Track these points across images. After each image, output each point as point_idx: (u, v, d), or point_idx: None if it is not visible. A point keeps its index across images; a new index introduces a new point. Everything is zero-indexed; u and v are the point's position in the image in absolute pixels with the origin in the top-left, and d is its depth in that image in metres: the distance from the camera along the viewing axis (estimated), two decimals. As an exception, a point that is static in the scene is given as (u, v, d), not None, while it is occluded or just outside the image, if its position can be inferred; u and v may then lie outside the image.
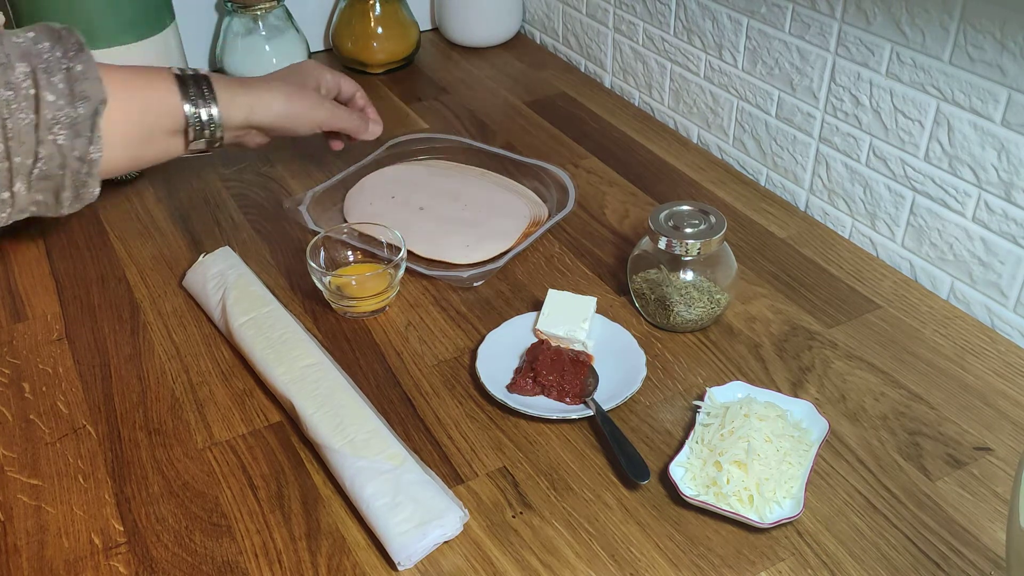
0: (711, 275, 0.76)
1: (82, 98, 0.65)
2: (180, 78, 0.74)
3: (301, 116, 0.81)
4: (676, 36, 1.06)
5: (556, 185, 0.94)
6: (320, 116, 0.83)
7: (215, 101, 0.75)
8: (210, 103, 0.74)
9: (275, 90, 0.80)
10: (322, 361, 0.70)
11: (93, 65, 0.67)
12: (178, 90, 0.73)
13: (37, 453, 0.67)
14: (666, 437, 0.67)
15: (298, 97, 0.81)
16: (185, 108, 0.73)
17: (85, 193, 0.69)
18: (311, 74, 0.85)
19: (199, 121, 0.74)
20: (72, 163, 0.66)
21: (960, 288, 0.82)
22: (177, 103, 0.73)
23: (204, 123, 0.74)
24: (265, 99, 0.78)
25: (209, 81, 0.75)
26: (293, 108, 0.80)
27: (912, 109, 0.81)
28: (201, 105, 0.74)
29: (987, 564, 0.58)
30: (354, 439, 0.63)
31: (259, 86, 0.79)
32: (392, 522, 0.58)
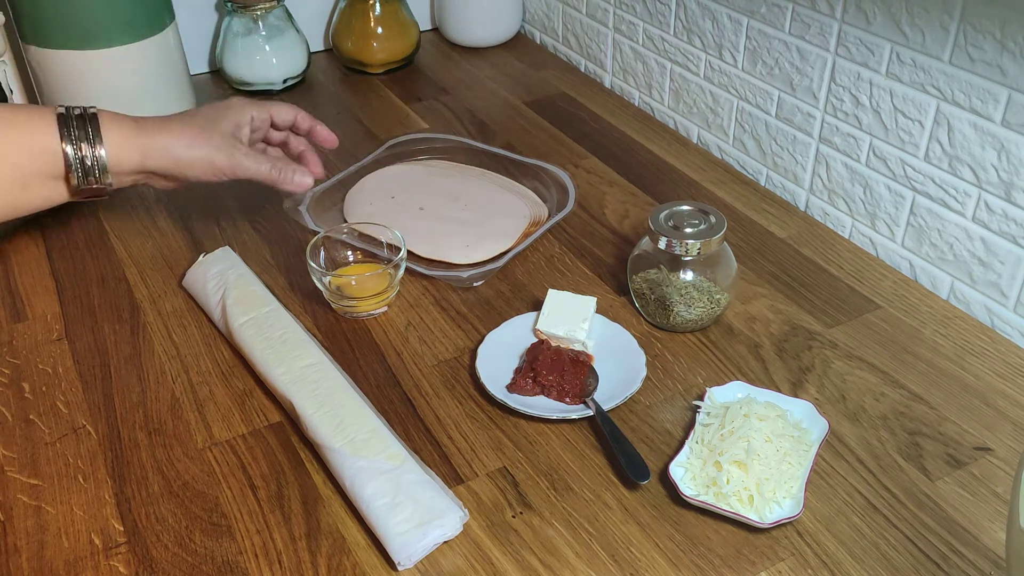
0: (711, 275, 0.76)
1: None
2: (63, 117, 0.68)
3: (200, 163, 0.73)
4: (676, 36, 1.06)
5: (556, 185, 0.94)
6: (220, 163, 0.73)
7: (101, 142, 0.68)
8: (96, 144, 0.68)
9: (174, 132, 0.72)
10: (322, 361, 0.70)
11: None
12: (57, 130, 0.67)
13: (37, 453, 0.67)
14: (666, 437, 0.67)
15: (200, 142, 0.73)
16: (65, 149, 0.67)
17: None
18: (228, 114, 0.76)
19: (81, 164, 0.67)
20: None
21: (960, 288, 0.82)
22: (56, 144, 0.67)
23: (88, 167, 0.68)
24: (160, 142, 0.71)
25: (97, 121, 0.69)
26: (192, 153, 0.72)
27: (912, 109, 0.81)
28: (84, 147, 0.67)
29: (987, 564, 0.58)
30: (354, 439, 0.63)
31: (156, 127, 0.72)
32: (392, 522, 0.58)
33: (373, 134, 1.09)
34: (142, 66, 1.03)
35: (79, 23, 0.97)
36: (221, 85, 1.21)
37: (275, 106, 0.80)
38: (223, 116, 0.75)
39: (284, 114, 0.81)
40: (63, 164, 0.67)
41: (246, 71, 1.16)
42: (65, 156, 0.67)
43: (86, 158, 0.67)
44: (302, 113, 0.83)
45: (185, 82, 1.11)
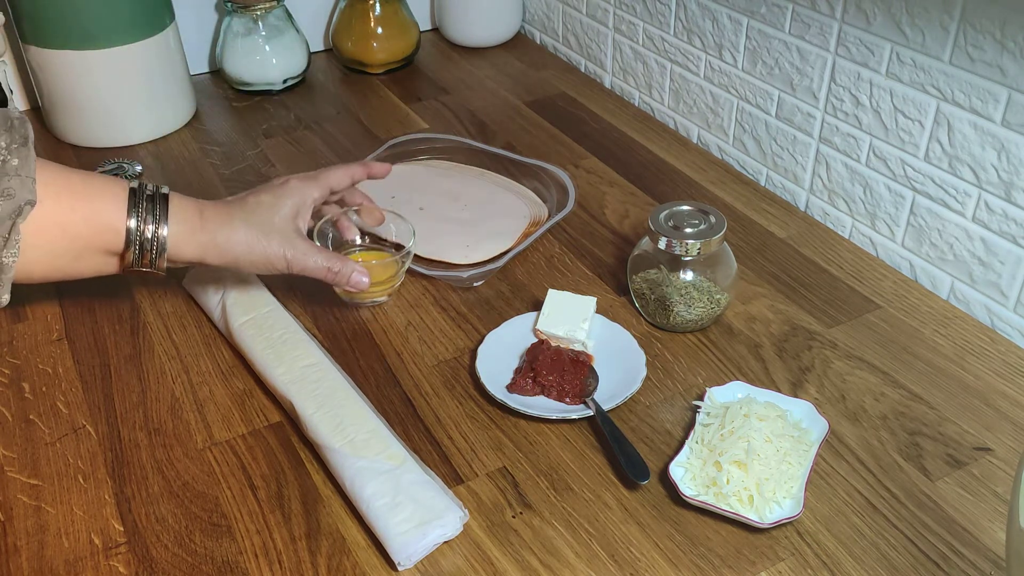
0: (711, 275, 0.76)
1: (5, 195, 0.58)
2: (134, 192, 0.65)
3: (258, 264, 0.70)
4: (676, 36, 1.06)
5: (556, 185, 0.94)
6: (279, 265, 0.70)
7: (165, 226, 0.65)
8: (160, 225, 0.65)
9: (235, 232, 0.68)
10: (322, 361, 0.70)
11: (31, 162, 0.60)
12: (126, 205, 0.64)
13: (37, 453, 0.67)
14: (666, 437, 0.67)
15: (259, 245, 0.69)
16: (129, 225, 0.64)
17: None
18: (288, 202, 0.72)
19: (140, 245, 0.64)
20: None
21: (960, 288, 0.82)
22: (120, 222, 0.64)
23: (146, 248, 0.65)
24: (220, 242, 0.68)
25: (167, 203, 0.66)
26: (251, 257, 0.69)
27: (912, 109, 0.81)
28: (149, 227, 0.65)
29: (987, 564, 0.58)
30: (354, 439, 0.63)
31: (218, 222, 0.68)
32: (392, 522, 0.58)
33: (373, 134, 1.09)
34: (142, 66, 1.03)
35: (79, 23, 0.97)
36: (221, 85, 1.21)
37: (331, 176, 0.76)
38: (283, 204, 0.71)
39: (341, 180, 0.77)
40: (123, 242, 0.64)
41: (246, 71, 1.16)
42: (127, 233, 0.64)
43: (146, 240, 0.64)
44: (356, 169, 0.78)
45: (185, 82, 1.11)
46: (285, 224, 0.71)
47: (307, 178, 0.74)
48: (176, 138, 1.08)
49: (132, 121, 1.05)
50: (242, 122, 1.12)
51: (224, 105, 1.16)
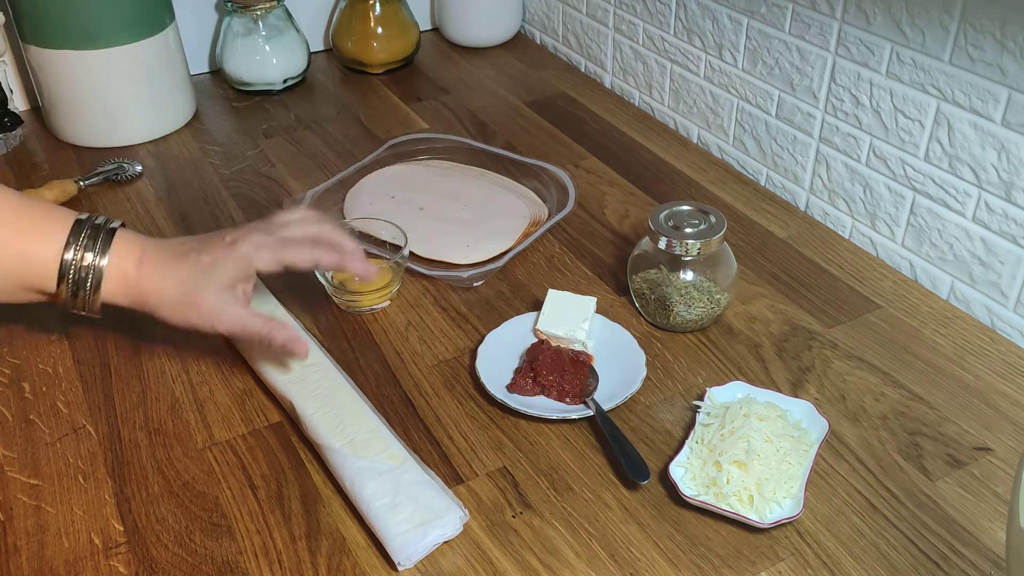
0: (711, 275, 0.76)
1: None
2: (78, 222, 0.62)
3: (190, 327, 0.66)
4: (676, 36, 1.06)
5: (556, 185, 0.94)
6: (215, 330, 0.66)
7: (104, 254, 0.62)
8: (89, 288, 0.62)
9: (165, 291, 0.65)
10: (322, 361, 0.70)
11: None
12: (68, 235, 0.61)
13: (37, 453, 0.67)
14: (666, 437, 0.67)
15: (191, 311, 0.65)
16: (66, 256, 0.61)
17: None
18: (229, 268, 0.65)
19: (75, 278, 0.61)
20: None
21: (960, 288, 0.82)
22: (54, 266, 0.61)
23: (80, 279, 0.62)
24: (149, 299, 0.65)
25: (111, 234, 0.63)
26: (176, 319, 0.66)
27: (912, 109, 0.81)
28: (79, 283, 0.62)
29: (987, 564, 0.58)
30: (354, 439, 0.63)
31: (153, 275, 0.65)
32: (392, 522, 0.58)
33: (373, 134, 1.09)
34: (142, 66, 1.03)
35: (79, 23, 0.97)
36: (221, 85, 1.21)
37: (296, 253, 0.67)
38: (223, 269, 0.65)
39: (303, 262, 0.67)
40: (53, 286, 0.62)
41: (246, 71, 1.16)
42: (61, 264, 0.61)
43: (81, 271, 0.61)
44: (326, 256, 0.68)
45: (185, 82, 1.11)
46: (220, 289, 0.65)
47: (264, 245, 0.66)
48: (176, 138, 1.08)
49: (132, 121, 1.05)
50: (242, 122, 1.12)
51: (224, 105, 1.16)
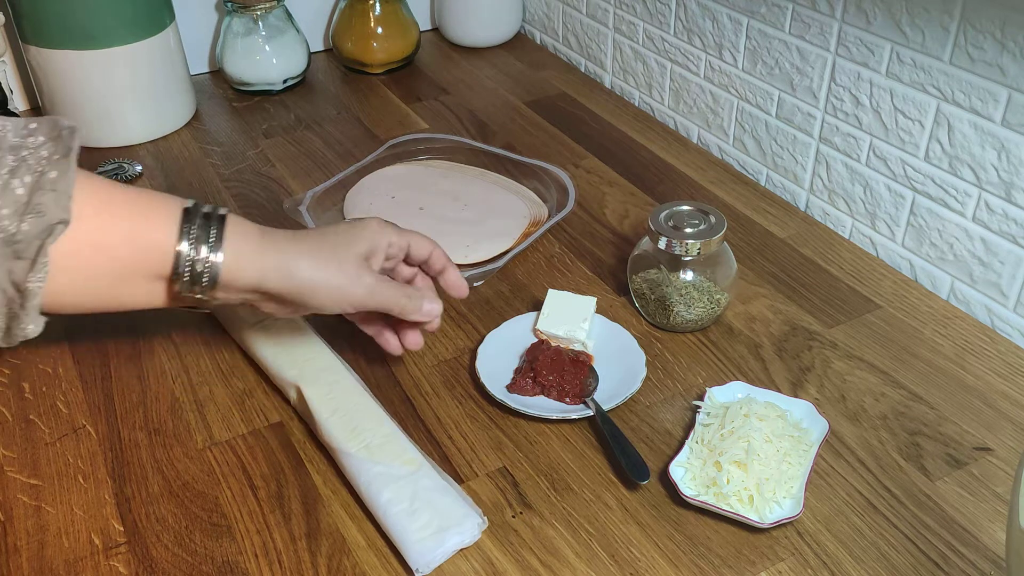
0: (711, 275, 0.76)
1: (35, 212, 0.51)
2: (188, 212, 0.57)
3: (328, 292, 0.61)
4: (676, 36, 1.06)
5: (556, 185, 0.94)
6: (357, 296, 0.62)
7: (220, 247, 0.57)
8: (213, 249, 0.57)
9: (302, 250, 0.61)
10: (335, 365, 0.70)
11: (68, 177, 0.52)
12: (178, 226, 0.57)
13: (37, 453, 0.67)
14: (666, 437, 0.67)
15: (331, 265, 0.61)
16: (179, 249, 0.56)
17: (16, 329, 0.53)
18: (364, 236, 0.64)
19: (191, 270, 0.57)
20: (5, 289, 0.51)
21: (960, 288, 0.82)
22: (170, 241, 0.56)
23: (197, 273, 0.57)
24: (286, 262, 0.60)
25: (222, 223, 0.58)
26: (319, 275, 0.61)
27: (912, 109, 0.81)
28: (201, 250, 0.57)
29: (987, 564, 0.58)
30: (370, 444, 0.63)
31: (284, 242, 0.61)
32: (410, 529, 0.58)
33: (373, 134, 1.09)
34: (142, 66, 1.03)
35: (79, 23, 0.97)
36: (221, 85, 1.21)
37: (414, 237, 0.68)
38: (359, 238, 0.64)
39: (421, 248, 0.68)
40: (171, 264, 0.56)
41: (246, 71, 1.16)
42: (176, 256, 0.56)
43: (198, 263, 0.57)
44: (439, 250, 0.69)
45: (185, 82, 1.11)
46: (359, 257, 0.63)
47: (389, 226, 0.66)
48: (176, 138, 1.08)
49: (132, 121, 1.06)
50: (242, 122, 1.12)
51: (224, 105, 1.16)
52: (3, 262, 0.51)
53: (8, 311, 0.52)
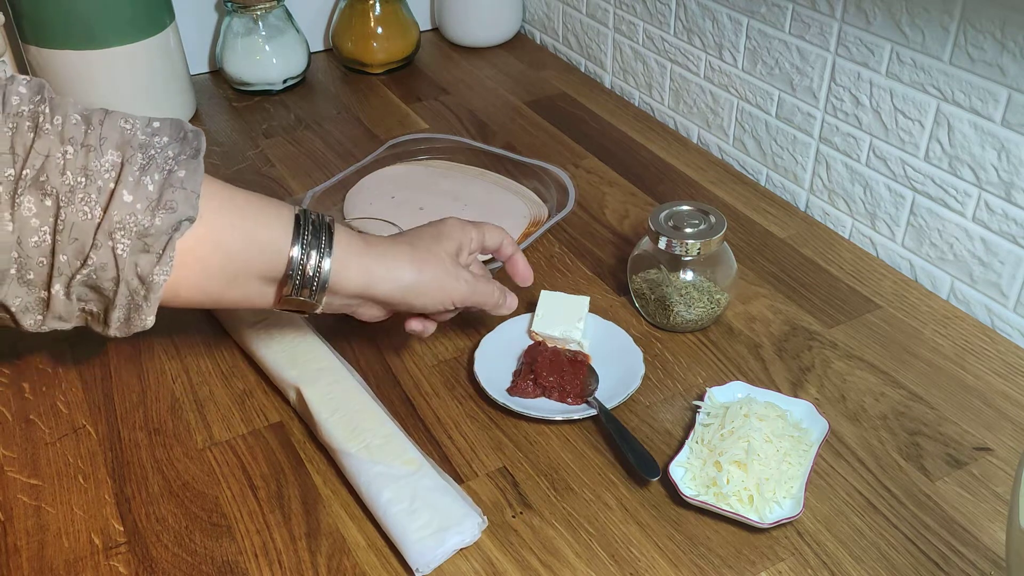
0: (711, 275, 0.76)
1: (166, 208, 0.53)
2: (299, 217, 0.60)
3: (432, 292, 0.64)
4: (676, 36, 1.06)
5: (556, 185, 0.94)
6: (459, 292, 0.65)
7: (330, 253, 0.59)
8: (324, 255, 0.59)
9: (403, 255, 0.63)
10: (335, 365, 0.70)
11: (198, 177, 0.55)
12: (292, 230, 0.59)
13: (37, 453, 0.67)
14: (666, 437, 0.67)
15: (431, 268, 0.64)
16: (292, 253, 0.58)
17: (136, 319, 0.55)
18: (450, 236, 0.67)
19: (302, 273, 0.58)
20: (130, 279, 0.54)
21: (960, 288, 0.82)
22: (285, 245, 0.58)
23: (308, 278, 0.59)
24: (390, 266, 0.62)
25: (331, 230, 0.60)
26: (424, 278, 0.63)
27: (912, 109, 0.81)
28: (312, 255, 0.59)
29: (987, 564, 0.58)
30: (370, 444, 0.63)
31: (385, 249, 0.63)
32: (410, 529, 0.58)
33: (373, 134, 1.09)
34: (142, 66, 1.03)
35: (79, 23, 0.97)
36: (221, 85, 1.21)
37: (488, 228, 0.70)
38: (447, 236, 0.66)
39: (494, 238, 0.71)
40: (284, 268, 0.58)
41: (246, 71, 1.16)
42: (290, 260, 0.58)
43: (308, 267, 0.58)
44: (508, 237, 0.72)
45: (185, 82, 1.11)
46: (451, 255, 0.66)
47: (466, 222, 0.69)
48: (176, 138, 1.08)
49: (132, 121, 1.05)
50: (242, 122, 1.12)
51: (224, 105, 1.16)
52: (131, 255, 0.53)
53: (130, 302, 0.55)
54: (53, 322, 0.55)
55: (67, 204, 0.51)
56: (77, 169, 0.51)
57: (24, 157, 0.50)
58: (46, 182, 0.51)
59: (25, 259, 0.51)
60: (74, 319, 0.55)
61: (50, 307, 0.54)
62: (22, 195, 0.50)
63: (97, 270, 0.52)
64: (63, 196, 0.51)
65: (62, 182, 0.51)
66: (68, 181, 0.51)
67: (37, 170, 0.50)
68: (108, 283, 0.53)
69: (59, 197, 0.51)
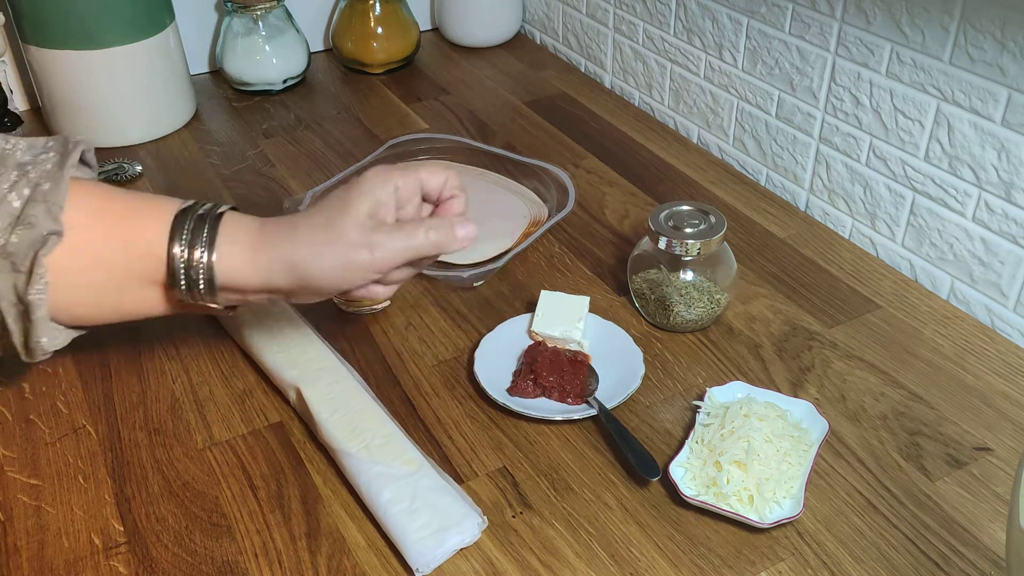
0: (711, 275, 0.76)
1: (25, 224, 0.50)
2: (181, 213, 0.55)
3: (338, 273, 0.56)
4: (676, 36, 1.06)
5: (556, 185, 0.94)
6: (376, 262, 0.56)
7: (213, 249, 0.54)
8: (205, 250, 0.54)
9: (297, 241, 0.56)
10: (335, 365, 0.70)
11: (60, 189, 0.51)
12: (170, 228, 0.54)
13: (37, 453, 0.67)
14: (666, 437, 0.67)
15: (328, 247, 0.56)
16: (172, 251, 0.54)
17: (32, 342, 0.53)
18: (363, 194, 0.57)
19: (185, 272, 0.54)
20: (12, 300, 0.52)
21: (960, 288, 0.82)
22: (162, 245, 0.54)
23: (193, 278, 0.54)
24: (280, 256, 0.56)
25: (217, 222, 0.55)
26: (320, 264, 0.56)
27: (912, 109, 0.81)
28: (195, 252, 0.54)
29: (987, 564, 0.58)
30: (370, 444, 0.63)
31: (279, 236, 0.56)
32: (410, 529, 0.58)
33: (373, 134, 1.09)
34: (142, 66, 1.03)
35: (79, 23, 0.97)
36: (221, 85, 1.21)
37: (424, 169, 0.60)
38: (357, 197, 0.57)
39: (435, 177, 0.60)
40: (164, 270, 0.54)
41: (246, 71, 1.16)
42: (169, 258, 0.54)
43: (192, 267, 0.54)
44: (453, 174, 0.61)
45: (185, 82, 1.11)
46: (361, 219, 0.56)
47: (392, 168, 0.59)
48: (176, 138, 1.08)
49: (132, 121, 1.06)
50: (242, 122, 1.12)
51: (224, 105, 1.16)
52: (8, 276, 0.51)
53: (21, 326, 0.53)
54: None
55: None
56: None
57: None
58: None
59: None
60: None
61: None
62: None
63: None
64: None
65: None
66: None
67: None
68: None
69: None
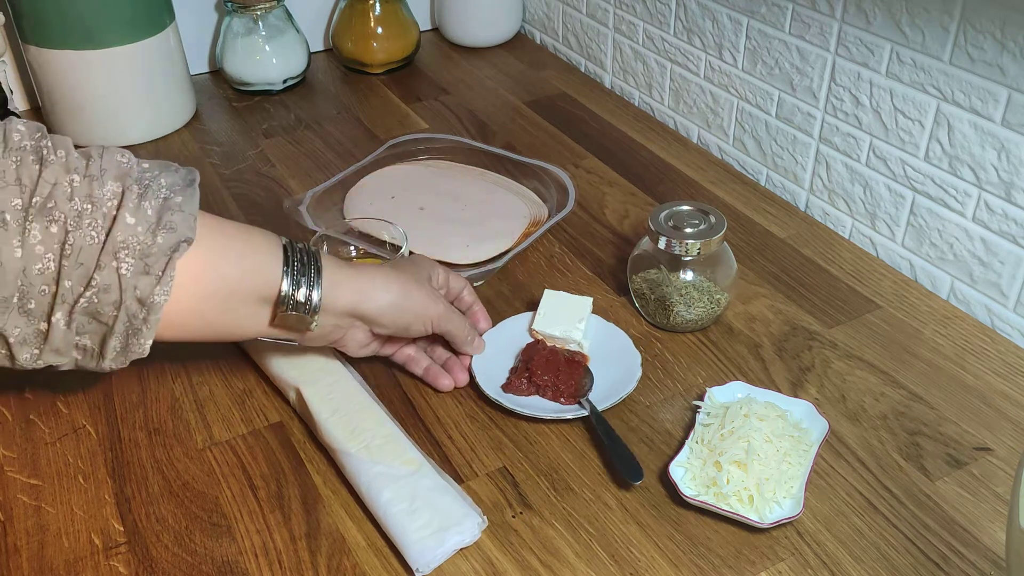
0: (711, 275, 0.76)
1: (167, 228, 0.55)
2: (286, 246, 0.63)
3: (417, 309, 0.67)
4: (676, 36, 1.06)
5: (556, 185, 0.94)
6: (434, 312, 0.68)
7: (319, 278, 0.62)
8: (314, 282, 0.61)
9: (388, 278, 0.66)
10: (335, 365, 0.70)
11: (194, 202, 0.58)
12: (282, 256, 0.61)
13: (37, 453, 0.67)
14: (666, 437, 0.67)
15: (415, 288, 0.67)
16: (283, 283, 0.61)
17: (135, 344, 0.56)
18: (423, 266, 0.71)
19: (292, 296, 0.61)
20: (129, 303, 0.55)
21: (960, 288, 0.82)
22: (276, 269, 0.61)
23: (299, 302, 0.61)
24: (378, 285, 0.65)
25: (317, 257, 0.63)
26: (408, 300, 0.67)
27: (912, 109, 0.81)
28: (302, 279, 0.61)
29: (987, 564, 0.58)
30: (370, 444, 0.63)
31: (369, 271, 0.67)
32: (410, 529, 0.58)
33: (373, 134, 1.09)
34: (142, 66, 1.03)
35: (79, 23, 0.97)
36: (221, 85, 1.21)
37: (453, 273, 0.75)
38: (421, 266, 0.71)
39: (456, 283, 0.75)
40: (276, 290, 0.61)
41: (246, 71, 1.16)
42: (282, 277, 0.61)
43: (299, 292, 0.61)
44: (469, 287, 0.76)
45: (185, 82, 1.11)
46: (428, 282, 0.70)
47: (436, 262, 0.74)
48: (176, 138, 1.08)
49: (132, 121, 1.06)
50: (242, 122, 1.12)
51: (224, 105, 1.16)
52: (133, 277, 0.54)
53: (129, 327, 0.56)
54: (49, 355, 0.55)
55: (75, 229, 0.53)
56: (83, 196, 0.53)
57: (32, 187, 0.52)
58: (54, 208, 0.52)
59: (28, 287, 0.53)
60: (70, 354, 0.56)
61: (48, 339, 0.54)
62: (31, 222, 0.52)
63: (100, 292, 0.54)
64: (71, 221, 0.53)
65: (70, 208, 0.53)
66: (76, 207, 0.53)
67: (45, 197, 0.52)
68: (108, 307, 0.54)
69: (67, 222, 0.53)
